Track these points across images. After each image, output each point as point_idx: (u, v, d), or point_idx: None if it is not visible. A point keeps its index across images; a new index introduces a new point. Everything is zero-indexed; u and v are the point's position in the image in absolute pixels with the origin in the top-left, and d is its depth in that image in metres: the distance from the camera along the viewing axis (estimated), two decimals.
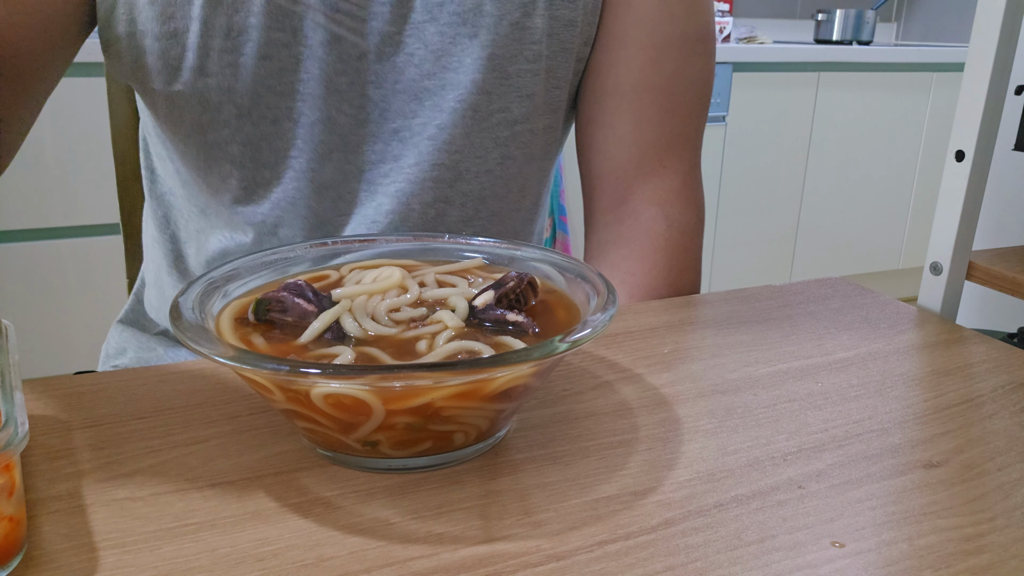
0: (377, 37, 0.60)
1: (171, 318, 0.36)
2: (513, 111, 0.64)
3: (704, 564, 0.32)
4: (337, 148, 0.62)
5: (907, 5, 3.31)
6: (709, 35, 0.68)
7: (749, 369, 0.50)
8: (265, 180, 0.63)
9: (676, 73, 0.67)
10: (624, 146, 0.67)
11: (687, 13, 0.66)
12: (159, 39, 0.58)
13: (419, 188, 0.64)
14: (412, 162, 0.63)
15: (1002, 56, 0.58)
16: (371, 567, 0.31)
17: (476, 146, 0.64)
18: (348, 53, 0.60)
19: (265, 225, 0.64)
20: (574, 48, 0.66)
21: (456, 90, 0.62)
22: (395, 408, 0.34)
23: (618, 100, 0.67)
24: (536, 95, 0.65)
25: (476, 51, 0.61)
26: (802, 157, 2.58)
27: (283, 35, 0.58)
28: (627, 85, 0.66)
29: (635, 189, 0.68)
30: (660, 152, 0.68)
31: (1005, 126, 0.65)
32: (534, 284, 0.43)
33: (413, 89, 0.62)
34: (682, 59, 0.67)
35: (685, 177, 0.69)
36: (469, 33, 0.61)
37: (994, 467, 0.40)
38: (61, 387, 0.45)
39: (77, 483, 0.36)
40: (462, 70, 0.62)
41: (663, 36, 0.66)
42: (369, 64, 0.61)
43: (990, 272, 0.65)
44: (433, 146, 0.63)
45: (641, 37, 0.65)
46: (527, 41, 0.62)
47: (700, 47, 0.67)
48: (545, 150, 0.70)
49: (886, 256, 2.85)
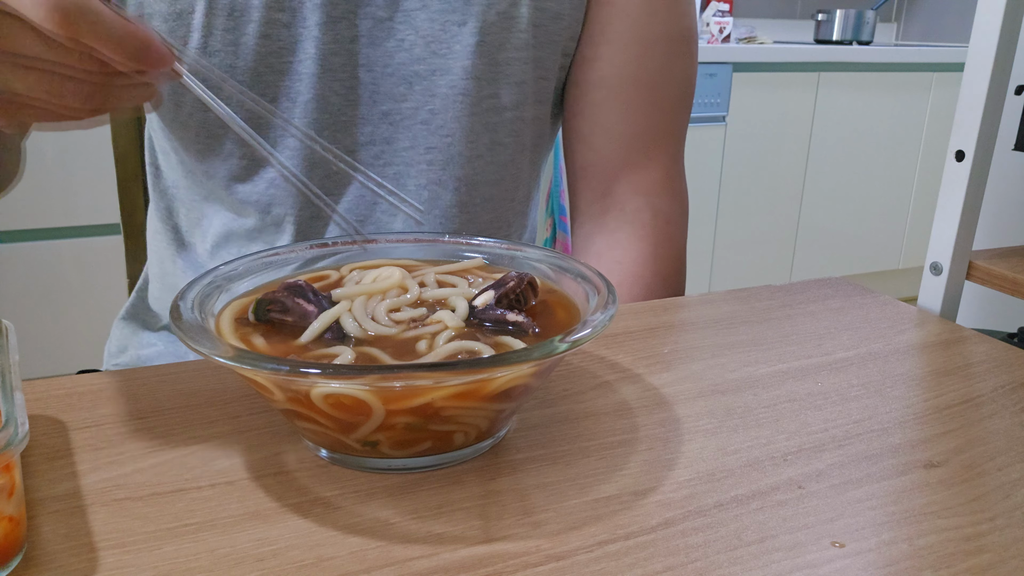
0: (369, 22, 0.63)
1: (171, 318, 0.36)
2: (502, 98, 0.66)
3: (704, 564, 0.32)
4: (328, 127, 0.64)
5: (907, 5, 3.31)
6: (692, 37, 0.71)
7: (749, 369, 0.50)
8: (263, 158, 0.65)
9: (661, 70, 0.69)
10: (610, 138, 0.70)
11: (670, 13, 0.69)
12: (167, 20, 0.60)
13: (414, 171, 0.66)
14: (406, 145, 0.66)
15: (1002, 56, 0.58)
16: (371, 567, 0.31)
17: (467, 131, 0.66)
18: (342, 35, 0.62)
19: (260, 204, 0.66)
20: (560, 41, 0.68)
21: (447, 75, 0.64)
22: (395, 408, 0.34)
23: (604, 93, 0.69)
24: (526, 83, 0.67)
25: (466, 38, 0.63)
26: (802, 157, 2.58)
27: (283, 15, 0.61)
28: (613, 79, 0.68)
29: (620, 180, 0.70)
30: (645, 144, 0.70)
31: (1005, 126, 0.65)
32: (534, 284, 0.43)
33: (403, 73, 0.64)
34: (666, 57, 0.69)
35: (668, 169, 0.72)
36: (459, 21, 0.63)
37: (994, 467, 0.40)
38: (61, 387, 0.45)
39: (77, 483, 0.36)
40: (452, 56, 0.64)
41: (648, 34, 0.68)
42: (361, 48, 0.63)
43: (990, 272, 0.65)
44: (427, 130, 0.65)
45: (626, 34, 0.68)
46: (515, 30, 0.65)
47: (684, 47, 0.70)
48: (535, 141, 0.72)
49: (886, 256, 2.85)
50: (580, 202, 0.73)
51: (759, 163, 2.51)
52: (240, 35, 0.60)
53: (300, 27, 0.61)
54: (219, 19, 0.60)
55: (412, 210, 0.54)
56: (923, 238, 2.83)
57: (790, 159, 2.56)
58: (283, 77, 0.62)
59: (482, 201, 0.69)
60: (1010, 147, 0.80)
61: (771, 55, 2.41)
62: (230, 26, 0.60)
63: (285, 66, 0.62)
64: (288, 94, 0.62)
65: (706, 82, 2.31)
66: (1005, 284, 0.65)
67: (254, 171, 0.65)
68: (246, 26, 0.60)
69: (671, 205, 0.71)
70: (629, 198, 0.70)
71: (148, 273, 0.78)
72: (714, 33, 2.61)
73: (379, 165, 0.66)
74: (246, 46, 0.60)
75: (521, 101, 0.67)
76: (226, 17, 0.60)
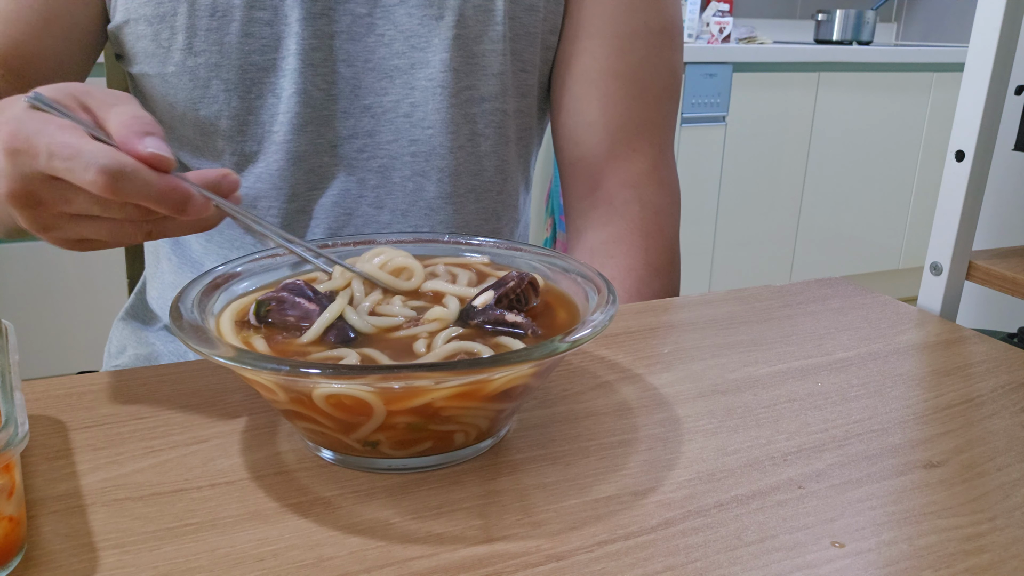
0: (349, 18, 0.64)
1: (171, 318, 0.37)
2: (480, 89, 0.67)
3: (704, 564, 0.32)
4: (311, 121, 0.65)
5: (907, 5, 3.31)
6: (675, 29, 0.72)
7: (749, 369, 0.50)
8: (252, 154, 0.66)
9: (642, 62, 0.70)
10: (594, 131, 0.70)
11: (650, 6, 0.69)
12: (151, 22, 0.61)
13: (399, 163, 0.67)
14: (390, 139, 0.67)
15: (1002, 56, 0.58)
16: (371, 567, 0.31)
17: (447, 122, 0.67)
18: (322, 31, 0.63)
19: (247, 199, 0.67)
20: (538, 33, 0.69)
21: (425, 69, 0.65)
22: (396, 408, 0.34)
23: (586, 87, 0.70)
24: (504, 75, 0.68)
25: (443, 32, 0.65)
26: (802, 157, 2.58)
27: (265, 13, 0.62)
28: (594, 72, 0.69)
29: (607, 174, 0.71)
30: (629, 136, 0.71)
31: (1005, 126, 0.65)
32: (535, 284, 0.43)
33: (383, 68, 0.65)
34: (647, 49, 0.70)
35: (655, 160, 0.72)
36: (436, 15, 0.64)
37: (994, 467, 0.40)
38: (61, 387, 0.45)
39: (77, 483, 0.36)
40: (430, 50, 0.65)
41: (627, 26, 0.69)
42: (341, 43, 0.64)
43: (990, 272, 0.65)
44: (409, 123, 0.67)
45: (606, 28, 0.69)
46: (490, 23, 0.66)
47: (666, 40, 0.71)
48: (520, 135, 0.73)
49: (886, 256, 2.85)
50: (571, 198, 0.74)
51: (759, 163, 2.51)
52: (224, 34, 0.61)
53: (282, 24, 0.62)
54: (202, 20, 0.61)
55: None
56: (923, 238, 2.83)
57: (790, 159, 2.56)
58: (268, 74, 0.63)
59: (466, 192, 0.70)
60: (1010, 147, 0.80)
61: (771, 55, 2.41)
62: (213, 26, 0.61)
63: (269, 63, 0.63)
64: (273, 90, 0.64)
65: (706, 82, 2.31)
66: (1005, 284, 0.65)
67: (243, 167, 0.66)
68: (229, 25, 0.61)
69: (660, 196, 0.71)
70: (617, 191, 0.71)
71: (146, 274, 0.79)
72: (714, 33, 2.61)
73: (363, 159, 0.67)
74: (230, 45, 0.62)
75: (500, 93, 0.68)
76: (208, 17, 0.61)
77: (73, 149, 0.37)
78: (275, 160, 0.66)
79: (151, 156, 0.38)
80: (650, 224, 0.70)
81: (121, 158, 0.37)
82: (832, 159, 2.62)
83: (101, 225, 0.41)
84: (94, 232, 0.41)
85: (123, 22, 0.62)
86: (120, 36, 0.64)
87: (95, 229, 0.41)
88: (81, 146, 0.37)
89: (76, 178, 0.37)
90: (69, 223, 0.41)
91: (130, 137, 0.38)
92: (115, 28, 0.63)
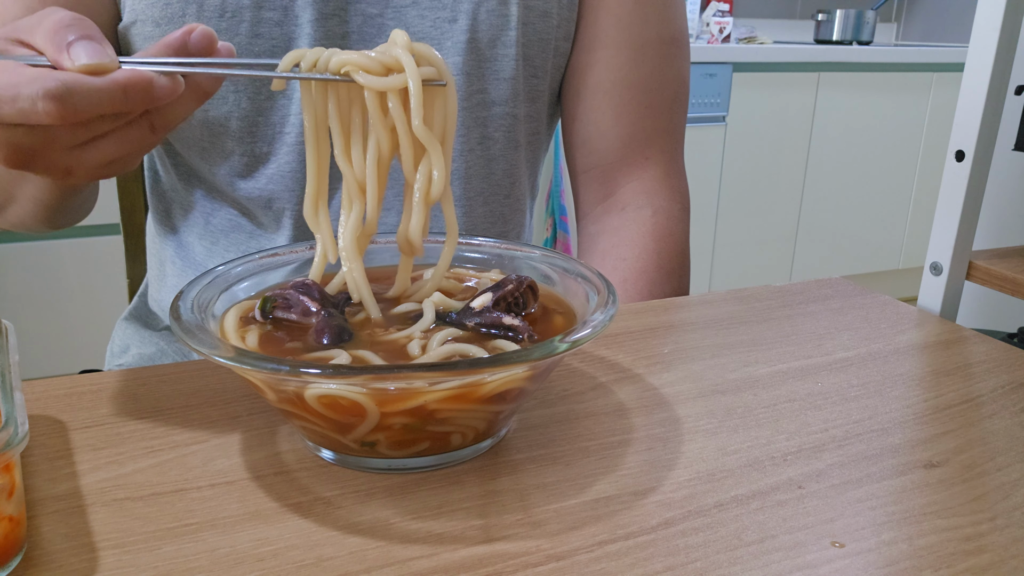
0: (360, 18, 0.64)
1: (171, 318, 0.37)
2: (491, 93, 0.68)
3: (704, 564, 0.32)
4: None
5: (907, 5, 3.31)
6: (684, 38, 0.74)
7: (749, 369, 0.50)
8: (263, 155, 0.66)
9: (654, 72, 0.71)
10: (607, 140, 0.72)
11: (661, 17, 0.71)
12: (159, 24, 0.61)
13: None
14: None
15: (1002, 56, 0.58)
16: (371, 567, 0.31)
17: (458, 125, 0.67)
18: (333, 32, 0.63)
19: (260, 200, 0.67)
20: (551, 40, 0.69)
21: None
22: (390, 410, 0.34)
23: (600, 97, 0.71)
24: (516, 80, 0.68)
25: (456, 35, 0.65)
26: (802, 157, 2.58)
27: (274, 14, 0.62)
28: (608, 82, 0.70)
29: (620, 181, 0.73)
30: (641, 145, 0.72)
31: (1005, 126, 0.65)
32: (534, 288, 0.43)
33: None
34: (658, 59, 0.71)
35: (667, 168, 0.74)
36: (449, 17, 0.64)
37: (994, 467, 0.40)
38: (61, 387, 0.45)
39: (77, 483, 0.36)
40: (442, 52, 0.65)
41: (640, 37, 0.70)
42: (352, 44, 0.64)
43: (990, 272, 0.65)
44: None
45: (620, 38, 0.70)
46: (504, 28, 0.66)
47: (675, 49, 0.72)
48: (530, 139, 0.73)
49: (886, 256, 2.85)
50: (584, 204, 0.76)
51: (759, 163, 2.51)
52: (233, 36, 0.61)
53: (292, 24, 0.62)
54: (211, 21, 0.61)
55: None
56: (923, 238, 2.83)
57: (790, 159, 2.56)
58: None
59: (475, 195, 0.70)
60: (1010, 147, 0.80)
61: (771, 55, 2.41)
62: (222, 27, 0.61)
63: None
64: (284, 91, 0.64)
65: (706, 82, 2.31)
66: (1005, 284, 0.65)
67: (255, 167, 0.66)
68: (238, 26, 0.61)
69: (671, 202, 0.73)
70: (631, 198, 0.72)
71: (148, 277, 0.79)
72: (714, 33, 2.61)
73: None
74: (239, 46, 0.62)
75: (511, 97, 0.69)
76: (218, 19, 0.61)
77: (14, 88, 0.35)
78: (287, 162, 0.65)
79: (83, 68, 0.36)
80: (662, 229, 0.71)
81: (60, 76, 0.35)
82: (832, 159, 2.62)
83: (107, 142, 0.40)
84: (106, 153, 0.40)
85: (130, 23, 0.62)
86: (127, 37, 0.64)
87: (105, 149, 0.40)
88: (19, 82, 0.35)
89: (30, 116, 0.35)
90: (79, 156, 0.40)
91: (59, 53, 0.36)
92: (123, 29, 0.63)
